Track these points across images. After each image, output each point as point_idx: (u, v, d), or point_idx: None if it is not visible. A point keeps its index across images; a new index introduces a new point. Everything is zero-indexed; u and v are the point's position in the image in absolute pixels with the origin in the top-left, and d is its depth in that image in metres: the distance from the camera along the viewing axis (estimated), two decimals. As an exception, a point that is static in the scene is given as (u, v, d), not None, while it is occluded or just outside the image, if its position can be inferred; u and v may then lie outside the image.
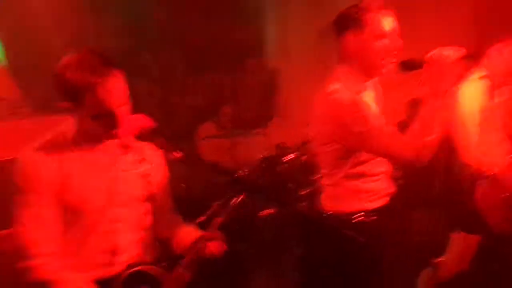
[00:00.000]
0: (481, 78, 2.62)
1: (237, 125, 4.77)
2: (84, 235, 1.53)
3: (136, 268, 1.56)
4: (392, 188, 2.11)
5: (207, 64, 4.92)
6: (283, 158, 3.41)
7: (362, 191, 2.00)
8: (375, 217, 1.99)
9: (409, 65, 1.88)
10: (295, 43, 4.96)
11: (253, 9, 5.11)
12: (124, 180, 1.57)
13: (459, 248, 2.67)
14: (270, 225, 3.21)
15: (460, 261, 2.68)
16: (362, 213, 1.99)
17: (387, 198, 2.07)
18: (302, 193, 3.23)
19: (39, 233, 1.48)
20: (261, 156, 3.27)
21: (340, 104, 1.86)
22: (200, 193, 3.28)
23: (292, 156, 3.43)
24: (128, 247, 1.59)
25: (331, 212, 2.04)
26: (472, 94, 2.54)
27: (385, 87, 2.17)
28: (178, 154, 1.36)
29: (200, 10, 4.80)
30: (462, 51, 1.80)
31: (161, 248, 1.67)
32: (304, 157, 3.54)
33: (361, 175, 1.99)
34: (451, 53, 1.78)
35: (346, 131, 1.88)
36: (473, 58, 2.00)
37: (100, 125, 1.47)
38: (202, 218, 2.70)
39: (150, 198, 1.61)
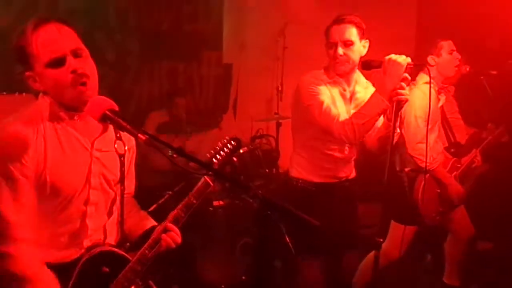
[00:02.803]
0: (426, 82, 2.84)
1: (191, 117, 4.74)
2: (54, 215, 1.48)
3: (98, 249, 1.55)
4: (345, 173, 2.55)
5: (163, 52, 4.85)
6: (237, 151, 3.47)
7: (311, 163, 2.49)
8: (314, 189, 2.49)
9: (367, 65, 2.23)
10: (251, 38, 5.00)
11: (212, 1, 5.10)
12: (101, 160, 1.53)
13: (396, 237, 2.85)
14: (221, 216, 3.25)
15: (397, 249, 2.89)
16: (306, 180, 2.51)
17: (336, 180, 2.52)
18: (255, 185, 3.32)
19: (20, 215, 1.40)
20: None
21: (300, 85, 2.47)
22: (152, 181, 3.26)
23: (245, 149, 3.49)
24: (96, 230, 1.57)
25: (291, 176, 2.56)
26: (418, 97, 2.75)
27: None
28: (143, 137, 1.30)
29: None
30: (412, 60, 2.14)
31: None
32: (256, 151, 3.63)
33: (311, 148, 2.48)
34: (403, 59, 2.12)
35: (297, 104, 2.46)
36: (419, 66, 2.38)
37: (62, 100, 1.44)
38: (154, 206, 2.73)
39: (122, 181, 1.58)
